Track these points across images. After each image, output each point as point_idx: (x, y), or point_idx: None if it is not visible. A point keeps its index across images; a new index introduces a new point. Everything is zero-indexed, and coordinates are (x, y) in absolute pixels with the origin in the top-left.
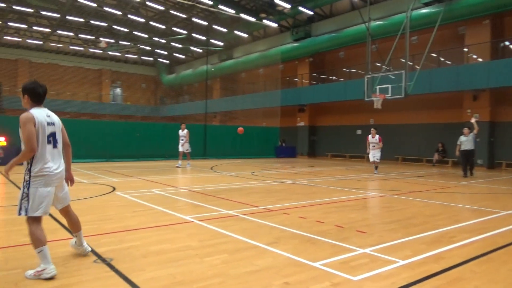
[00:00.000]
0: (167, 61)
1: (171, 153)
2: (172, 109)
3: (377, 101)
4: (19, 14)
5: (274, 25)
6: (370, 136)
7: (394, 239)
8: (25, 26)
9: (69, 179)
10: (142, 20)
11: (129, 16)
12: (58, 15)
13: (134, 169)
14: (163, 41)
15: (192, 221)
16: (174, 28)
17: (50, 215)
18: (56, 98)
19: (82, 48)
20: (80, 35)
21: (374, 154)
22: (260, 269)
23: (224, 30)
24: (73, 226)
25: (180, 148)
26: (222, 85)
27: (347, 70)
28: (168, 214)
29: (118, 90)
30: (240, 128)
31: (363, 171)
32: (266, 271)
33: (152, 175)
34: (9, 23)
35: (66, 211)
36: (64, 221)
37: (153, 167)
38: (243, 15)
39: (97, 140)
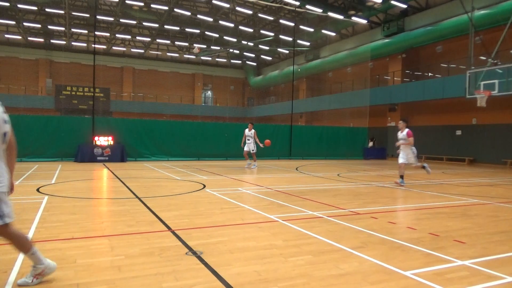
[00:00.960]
0: (255, 63)
1: (257, 153)
2: (258, 110)
3: (481, 98)
4: (125, 26)
5: (364, 21)
6: (399, 132)
7: (500, 252)
8: (129, 37)
9: (11, 187)
10: (232, 24)
11: (219, 22)
12: (157, 25)
13: (222, 168)
14: (251, 44)
15: (277, 221)
16: (261, 31)
17: (148, 207)
18: (154, 101)
19: (177, 55)
20: (176, 43)
21: (403, 155)
22: (346, 273)
23: (311, 30)
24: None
25: (246, 148)
26: (308, 85)
27: (445, 65)
28: (254, 213)
29: (209, 93)
30: (267, 141)
31: (463, 175)
32: (351, 275)
33: (239, 174)
34: (117, 35)
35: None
36: (162, 214)
37: (240, 166)
38: (331, 14)
39: (189, 140)
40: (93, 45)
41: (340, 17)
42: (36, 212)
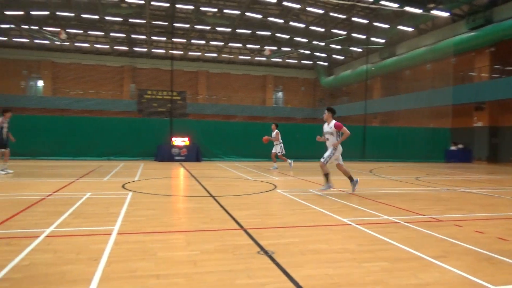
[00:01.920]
0: (326, 63)
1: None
2: None
3: None
4: (200, 32)
5: (446, 14)
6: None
7: None
8: (203, 42)
9: None
10: (302, 25)
11: (290, 23)
12: (229, 30)
13: (293, 169)
14: (323, 43)
15: (350, 224)
16: (333, 30)
17: (221, 206)
18: (227, 103)
19: (249, 57)
20: (248, 46)
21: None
22: (426, 284)
23: (386, 26)
24: None
25: (273, 150)
26: (383, 84)
27: None
28: (325, 215)
29: (280, 94)
30: (265, 137)
31: None
32: (432, 286)
33: (310, 175)
34: (192, 41)
35: None
36: (235, 213)
37: (310, 167)
38: (408, 8)
39: (261, 141)
40: (171, 51)
41: (419, 11)
42: (121, 207)
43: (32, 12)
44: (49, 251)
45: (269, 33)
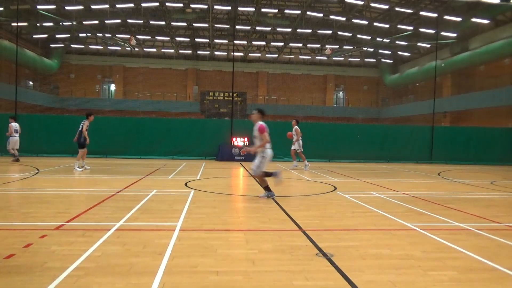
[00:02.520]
0: (391, 61)
1: (392, 156)
2: (394, 110)
3: None
4: (260, 34)
5: None
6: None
7: None
8: (264, 43)
9: None
10: (366, 22)
11: (352, 20)
12: (290, 30)
13: (354, 170)
14: (387, 40)
15: (415, 229)
16: (398, 26)
17: (279, 206)
18: (287, 104)
19: (309, 57)
20: (308, 45)
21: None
22: None
23: (458, 19)
24: None
25: (292, 147)
26: (454, 81)
27: None
28: (388, 219)
29: (341, 93)
30: (289, 133)
31: None
32: None
33: (372, 177)
34: (253, 42)
35: None
36: (293, 213)
37: (373, 169)
38: None
39: (321, 141)
40: (232, 53)
41: (496, 1)
42: (184, 204)
43: (106, 21)
44: (118, 244)
45: (330, 32)
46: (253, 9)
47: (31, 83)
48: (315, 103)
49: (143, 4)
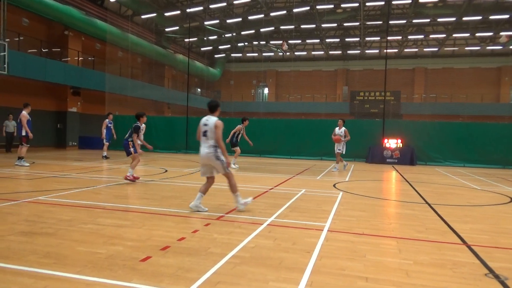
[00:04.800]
0: None
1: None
2: None
3: None
4: (417, 27)
5: None
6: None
7: None
8: (421, 36)
9: None
10: None
11: None
12: (453, 19)
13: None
14: None
15: None
16: None
17: (438, 215)
18: (449, 102)
19: (478, 48)
20: (477, 34)
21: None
22: None
23: None
24: None
25: (338, 149)
26: None
27: None
28: None
29: None
30: (337, 137)
31: None
32: None
33: None
34: (409, 37)
35: None
36: (456, 225)
37: None
38: None
39: (493, 144)
40: (385, 51)
41: None
42: (332, 205)
43: (261, 30)
44: (270, 238)
45: (506, 16)
46: (409, 1)
47: (199, 90)
48: (485, 100)
49: (294, 10)
